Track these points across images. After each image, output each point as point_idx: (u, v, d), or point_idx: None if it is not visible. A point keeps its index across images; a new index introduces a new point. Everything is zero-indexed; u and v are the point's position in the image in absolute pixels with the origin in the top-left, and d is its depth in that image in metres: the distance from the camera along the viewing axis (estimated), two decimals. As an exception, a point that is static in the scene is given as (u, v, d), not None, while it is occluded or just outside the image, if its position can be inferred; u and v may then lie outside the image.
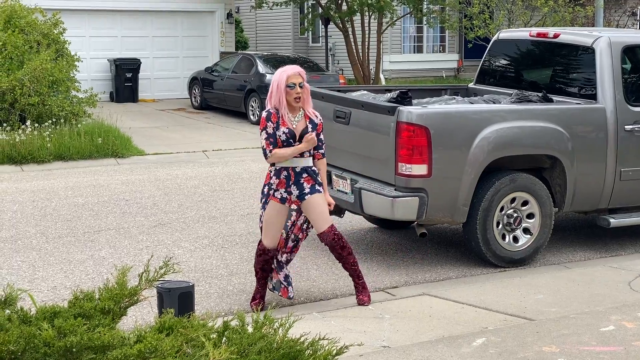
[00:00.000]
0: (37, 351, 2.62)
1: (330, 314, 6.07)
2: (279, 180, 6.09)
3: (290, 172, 6.07)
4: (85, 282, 6.95)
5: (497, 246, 7.36)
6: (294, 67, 6.08)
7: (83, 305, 2.90)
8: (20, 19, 15.58)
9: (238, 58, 20.36)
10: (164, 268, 3.17)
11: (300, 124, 6.08)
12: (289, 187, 6.08)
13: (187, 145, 15.21)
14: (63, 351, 2.60)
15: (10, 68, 14.60)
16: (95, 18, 21.98)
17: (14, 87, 14.07)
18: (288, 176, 6.08)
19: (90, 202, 10.28)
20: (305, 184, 6.08)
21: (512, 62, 9.24)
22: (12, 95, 14.11)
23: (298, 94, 6.00)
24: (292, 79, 6.00)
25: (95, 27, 22.03)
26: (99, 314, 2.88)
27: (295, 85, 5.99)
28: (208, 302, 6.48)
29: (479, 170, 7.16)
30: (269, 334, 3.53)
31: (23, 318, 2.85)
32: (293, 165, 6.07)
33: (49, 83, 14.57)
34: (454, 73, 27.16)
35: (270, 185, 6.12)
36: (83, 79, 18.09)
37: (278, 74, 6.07)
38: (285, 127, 6.03)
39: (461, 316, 5.94)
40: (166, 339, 2.81)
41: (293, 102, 6.03)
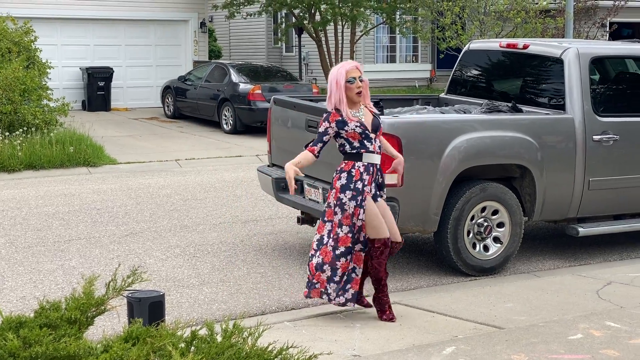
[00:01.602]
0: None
1: (301, 323, 6.07)
2: (369, 176, 5.92)
3: (374, 168, 5.93)
4: (54, 292, 6.90)
5: (468, 255, 7.40)
6: (350, 62, 5.93)
7: (49, 315, 2.88)
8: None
9: (211, 67, 20.34)
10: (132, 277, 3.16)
11: (367, 117, 5.91)
12: (371, 184, 5.94)
13: (160, 154, 15.16)
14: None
15: (-19, 76, 14.48)
16: (67, 26, 21.87)
17: (-15, 95, 13.97)
18: (373, 173, 5.93)
19: (61, 211, 10.22)
20: (380, 184, 6.02)
21: (483, 72, 9.32)
22: (-18, 103, 14.01)
23: (359, 88, 5.84)
24: (352, 73, 5.83)
25: (67, 36, 21.92)
26: (66, 324, 2.86)
27: (355, 80, 5.82)
28: (179, 312, 6.46)
29: (450, 179, 7.21)
30: (238, 343, 3.53)
31: (-12, 328, 2.84)
32: (377, 162, 5.94)
33: (20, 91, 14.47)
34: (426, 83, 27.31)
35: (363, 182, 5.89)
36: (55, 88, 17.98)
37: (336, 71, 5.87)
38: (354, 121, 5.85)
39: (432, 325, 5.97)
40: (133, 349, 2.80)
41: (355, 97, 5.85)
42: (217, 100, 18.96)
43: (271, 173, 8.28)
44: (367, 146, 5.91)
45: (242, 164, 14.50)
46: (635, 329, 5.70)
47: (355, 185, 5.92)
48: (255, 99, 18.09)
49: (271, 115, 8.48)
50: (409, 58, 27.63)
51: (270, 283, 7.27)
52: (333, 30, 21.94)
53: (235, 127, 18.37)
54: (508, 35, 20.49)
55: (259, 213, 10.14)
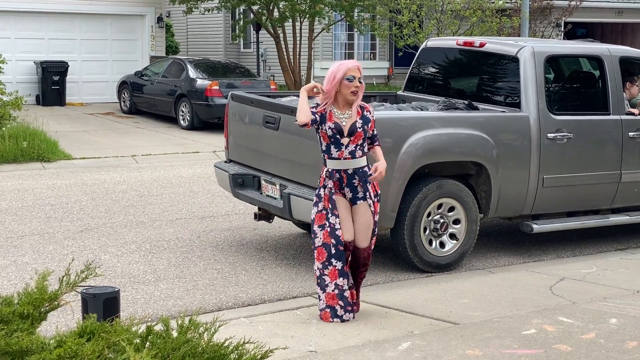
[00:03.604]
0: (-49, 357, 2.56)
1: (257, 319, 6.06)
2: (333, 182, 5.89)
3: (342, 174, 5.86)
4: (7, 289, 6.80)
5: (424, 251, 7.45)
6: (354, 61, 5.88)
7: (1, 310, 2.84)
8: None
9: (168, 62, 20.19)
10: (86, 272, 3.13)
11: (350, 120, 5.82)
12: (342, 190, 5.89)
13: (116, 150, 15.02)
14: (-21, 357, 2.55)
15: None
16: (21, 19, 21.55)
17: (-64, 88, 13.71)
18: (340, 178, 5.87)
19: (14, 206, 10.07)
20: (358, 188, 5.88)
21: (440, 70, 9.38)
22: None
23: (356, 88, 5.77)
24: (352, 72, 5.77)
25: (21, 29, 21.58)
26: (18, 319, 2.82)
27: (354, 79, 5.76)
28: (134, 308, 6.41)
29: (407, 176, 7.24)
30: (193, 339, 3.52)
31: (-63, 323, 2.79)
32: (344, 168, 5.85)
33: (-28, 85, 14.24)
34: (384, 80, 27.43)
35: (325, 186, 5.89)
36: (8, 82, 17.70)
37: (336, 66, 5.81)
38: (331, 122, 5.81)
39: (388, 320, 6.00)
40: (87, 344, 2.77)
41: (349, 95, 5.77)
42: (174, 96, 18.83)
43: (228, 169, 8.25)
44: (332, 152, 5.86)
45: (199, 160, 14.42)
46: (587, 324, 5.79)
47: (317, 191, 5.98)
48: (212, 95, 18.01)
49: (229, 111, 8.44)
50: (367, 55, 27.71)
51: (226, 279, 7.25)
52: (291, 27, 21.91)
53: (192, 123, 18.27)
54: (465, 34, 20.66)
55: (216, 209, 10.10)
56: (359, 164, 5.88)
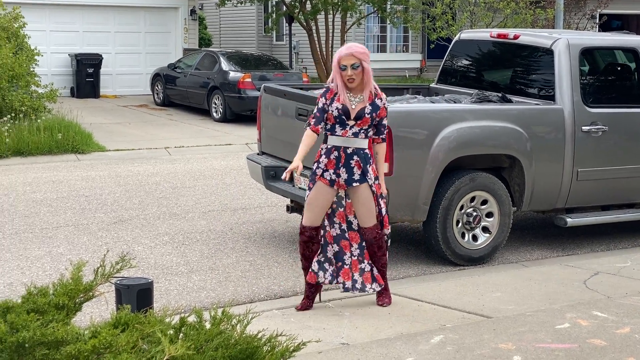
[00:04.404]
0: (-12, 346, 2.60)
1: (289, 311, 6.07)
2: (328, 160, 5.78)
3: (341, 152, 5.74)
4: (42, 279, 6.88)
5: (457, 245, 7.41)
6: (349, 47, 5.72)
7: (37, 301, 2.87)
8: (-21, 13, 15.39)
9: (201, 55, 20.26)
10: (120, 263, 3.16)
11: (360, 104, 5.73)
12: (338, 169, 5.76)
13: (149, 142, 15.12)
14: (15, 347, 2.58)
15: (-30, 62, 14.40)
16: (56, 12, 21.74)
17: (-27, 81, 13.89)
18: (338, 157, 5.75)
19: (49, 198, 10.18)
20: (355, 169, 5.74)
21: (473, 62, 9.32)
22: (-30, 89, 13.93)
23: (349, 77, 5.67)
24: (343, 61, 5.66)
25: (56, 22, 21.78)
26: (53, 310, 2.85)
27: (346, 67, 5.65)
28: (167, 299, 6.45)
29: (440, 169, 7.21)
30: (226, 330, 3.53)
31: (-25, 313, 2.83)
32: (345, 145, 5.74)
33: (8, 77, 14.39)
34: (416, 73, 27.31)
35: (319, 164, 5.81)
36: (43, 74, 17.89)
37: (337, 54, 5.75)
38: (339, 102, 5.72)
39: (420, 314, 5.98)
40: (121, 335, 2.79)
41: (347, 83, 5.70)
42: (207, 88, 18.90)
43: (261, 161, 8.26)
44: (336, 130, 5.78)
45: (231, 152, 14.47)
46: (622, 318, 5.73)
47: (313, 167, 5.89)
48: (245, 87, 18.05)
49: (261, 103, 8.46)
50: (400, 48, 27.60)
51: (259, 271, 7.27)
52: (324, 20, 21.88)
53: (225, 115, 18.33)
54: (498, 26, 20.49)
55: (248, 201, 10.13)
56: (360, 144, 5.77)
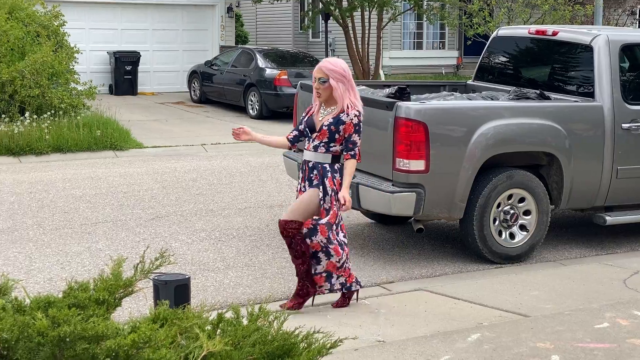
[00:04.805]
0: (30, 340, 2.64)
1: (325, 308, 6.08)
2: (301, 173, 6.03)
3: (306, 166, 5.95)
4: (81, 274, 6.96)
5: (494, 242, 7.37)
6: (324, 61, 5.88)
7: (77, 296, 2.91)
8: (21, 11, 15.58)
9: (238, 52, 20.34)
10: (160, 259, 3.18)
11: (326, 117, 5.87)
12: (305, 182, 5.97)
13: (186, 139, 15.21)
14: (57, 341, 2.61)
15: (12, 59, 14.59)
16: (95, 10, 21.97)
17: (14, 78, 14.07)
18: (304, 170, 5.97)
19: (88, 194, 10.29)
20: (314, 181, 5.90)
21: (511, 59, 9.25)
22: (12, 86, 14.11)
23: (316, 89, 5.83)
24: (314, 73, 5.85)
25: (95, 20, 22.01)
26: (94, 305, 2.89)
27: (315, 80, 5.84)
28: (204, 295, 6.49)
29: (477, 166, 7.17)
30: (263, 327, 3.54)
31: (17, 307, 2.86)
32: (307, 159, 5.94)
33: (48, 75, 14.56)
34: (453, 70, 27.16)
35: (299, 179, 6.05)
36: (82, 72, 18.08)
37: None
38: (309, 115, 5.96)
39: (456, 312, 5.95)
40: (160, 330, 2.82)
41: (315, 95, 5.88)
42: (243, 85, 18.97)
43: (297, 158, 8.28)
44: (305, 144, 5.99)
45: (267, 149, 14.46)
46: (663, 319, 5.66)
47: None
48: (281, 84, 18.09)
49: (298, 101, 8.47)
50: (436, 45, 27.47)
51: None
52: (360, 17, 21.84)
53: (261, 112, 18.39)
54: (536, 23, 20.31)
55: (284, 198, 10.16)
56: (318, 159, 5.87)
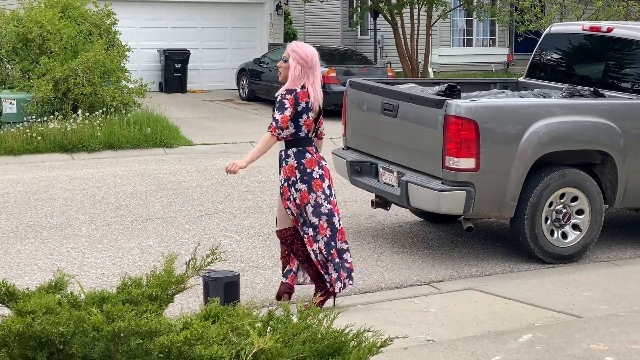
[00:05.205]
0: (86, 335, 2.66)
1: (374, 307, 6.05)
2: None
3: None
4: (132, 270, 7.03)
5: (545, 242, 7.27)
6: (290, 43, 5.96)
7: (131, 292, 2.93)
8: (74, 10, 15.80)
9: (286, 50, 20.35)
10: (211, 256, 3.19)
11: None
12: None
13: (235, 136, 15.29)
14: (111, 336, 2.63)
15: (65, 58, 14.82)
16: (145, 9, 22.19)
17: (68, 76, 14.28)
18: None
19: (139, 191, 10.40)
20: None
21: (564, 56, 9.11)
22: (65, 84, 14.32)
23: (278, 67, 5.95)
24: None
25: (146, 18, 22.22)
26: (147, 300, 2.91)
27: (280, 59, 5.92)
28: (253, 292, 6.51)
29: (528, 165, 7.08)
30: (313, 325, 3.53)
31: (73, 302, 2.90)
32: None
33: (100, 73, 14.75)
34: (503, 67, 26.88)
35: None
36: (133, 69, 18.26)
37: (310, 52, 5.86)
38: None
39: (507, 312, 5.88)
40: (212, 327, 2.82)
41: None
42: (291, 83, 18.96)
43: (346, 156, 8.26)
44: None
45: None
46: None
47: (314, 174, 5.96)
48: (329, 82, 18.07)
49: (347, 98, 8.45)
50: (486, 42, 27.21)
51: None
52: (409, 14, 21.74)
53: (309, 110, 18.37)
54: (589, 19, 20.00)
55: (333, 196, 10.14)
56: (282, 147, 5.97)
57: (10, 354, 2.60)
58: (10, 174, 11.57)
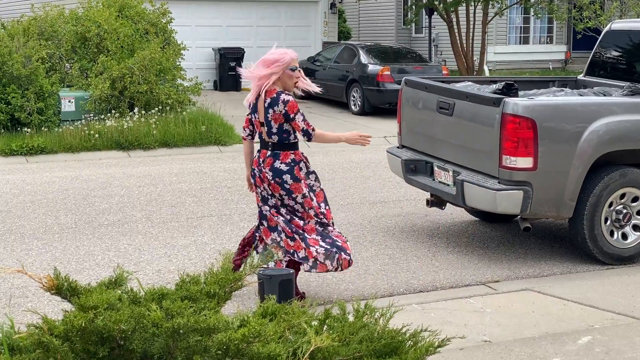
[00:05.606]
0: (146, 331, 2.69)
1: (429, 306, 6.01)
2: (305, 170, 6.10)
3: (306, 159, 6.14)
4: (188, 267, 7.08)
5: (605, 243, 7.13)
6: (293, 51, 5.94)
7: (189, 288, 2.95)
8: (130, 9, 16.01)
9: (341, 48, 20.37)
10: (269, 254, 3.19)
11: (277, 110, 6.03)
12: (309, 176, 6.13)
13: (289, 134, 15.29)
14: (171, 332, 2.65)
15: (122, 57, 15.02)
16: (201, 8, 22.37)
17: (124, 75, 14.47)
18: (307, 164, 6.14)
19: (194, 188, 10.48)
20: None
21: (625, 53, 8.93)
22: (121, 83, 14.51)
23: (297, 79, 5.97)
24: (295, 63, 5.92)
25: (201, 17, 22.41)
26: (205, 298, 2.92)
27: (296, 68, 5.94)
28: (307, 291, 6.50)
29: (587, 164, 6.96)
30: (369, 324, 3.51)
31: (132, 298, 2.93)
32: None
33: (156, 71, 14.92)
34: (561, 65, 26.51)
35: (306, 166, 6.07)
36: (188, 68, 18.42)
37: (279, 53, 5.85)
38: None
39: (565, 313, 5.79)
40: (269, 325, 2.83)
41: (292, 86, 5.99)
42: (345, 81, 18.98)
43: (401, 155, 8.22)
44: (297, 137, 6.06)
45: (369, 145, 14.44)
46: None
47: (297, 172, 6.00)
48: (384, 80, 18.01)
49: (402, 97, 8.41)
50: (543, 39, 26.86)
51: (398, 265, 7.23)
52: (465, 11, 21.55)
53: (363, 108, 18.36)
54: (649, 16, 19.61)
55: (387, 195, 10.10)
56: None
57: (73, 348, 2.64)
58: (69, 171, 11.77)
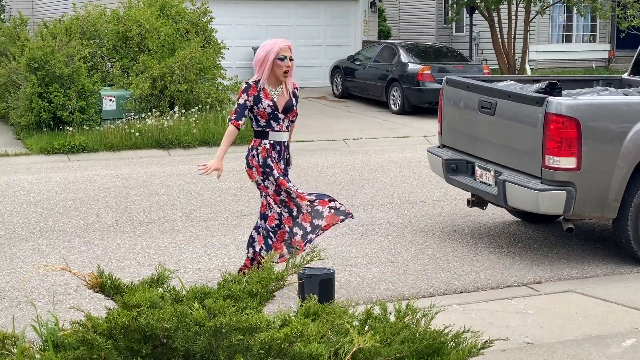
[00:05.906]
0: (188, 329, 2.69)
1: (471, 307, 5.96)
2: (276, 153, 6.24)
3: (282, 147, 6.26)
4: (227, 266, 7.10)
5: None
6: (285, 40, 6.13)
7: (231, 287, 2.95)
8: (171, 8, 16.12)
9: (380, 47, 20.31)
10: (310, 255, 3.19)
11: (282, 97, 6.15)
12: (279, 161, 6.26)
13: (328, 134, 15.32)
14: (213, 331, 2.65)
15: (162, 56, 15.13)
16: (241, 7, 22.45)
17: (165, 74, 14.57)
18: (280, 151, 6.25)
19: (233, 187, 10.51)
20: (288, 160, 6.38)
21: (670, 52, 8.78)
22: (162, 82, 14.61)
23: (288, 67, 6.05)
24: (284, 52, 6.04)
25: (241, 16, 22.49)
26: (247, 297, 2.92)
27: (286, 58, 6.03)
28: (347, 290, 6.49)
29: (632, 164, 6.85)
30: (411, 324, 3.48)
31: (175, 297, 2.94)
32: (284, 140, 6.25)
33: (196, 70, 15.00)
34: (604, 64, 26.18)
35: (273, 158, 6.20)
36: (228, 67, 18.50)
37: (269, 45, 6.06)
38: (268, 99, 6.11)
39: (609, 315, 5.70)
40: (312, 324, 2.81)
41: (281, 75, 6.07)
42: (385, 80, 18.92)
43: (441, 154, 8.16)
44: (273, 125, 6.17)
45: (409, 144, 14.42)
46: None
47: (265, 162, 6.16)
48: (424, 79, 17.93)
49: (443, 96, 8.35)
50: (586, 38, 26.55)
51: (438, 265, 7.18)
52: (506, 10, 21.37)
53: (403, 107, 18.29)
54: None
55: (427, 194, 10.05)
56: (288, 137, 6.33)
57: (116, 346, 2.65)
58: (110, 169, 11.88)
